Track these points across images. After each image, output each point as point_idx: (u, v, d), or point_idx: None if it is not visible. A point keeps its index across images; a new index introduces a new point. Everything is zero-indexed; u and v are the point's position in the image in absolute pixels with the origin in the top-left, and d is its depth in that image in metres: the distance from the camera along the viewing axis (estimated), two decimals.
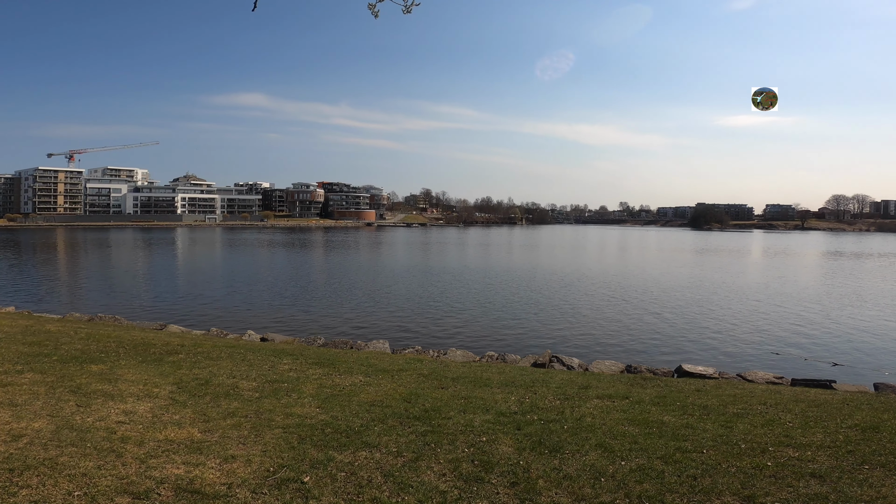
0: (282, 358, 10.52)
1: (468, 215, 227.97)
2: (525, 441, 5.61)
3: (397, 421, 6.27)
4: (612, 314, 23.31)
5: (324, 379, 8.64)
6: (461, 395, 7.82)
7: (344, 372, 9.43)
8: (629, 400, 7.78)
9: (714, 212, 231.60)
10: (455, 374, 9.77)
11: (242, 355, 10.48)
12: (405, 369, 10.12)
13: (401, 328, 20.29)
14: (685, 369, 11.82)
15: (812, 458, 5.06)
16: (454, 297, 27.99)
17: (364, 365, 10.38)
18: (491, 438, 5.68)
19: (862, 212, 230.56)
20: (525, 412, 6.85)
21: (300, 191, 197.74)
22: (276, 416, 6.32)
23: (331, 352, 12.94)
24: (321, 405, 6.89)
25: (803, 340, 18.59)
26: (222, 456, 4.97)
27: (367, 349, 14.60)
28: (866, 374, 13.90)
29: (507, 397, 7.76)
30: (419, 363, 11.23)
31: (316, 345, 15.07)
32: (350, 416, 6.39)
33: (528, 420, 6.42)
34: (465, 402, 7.33)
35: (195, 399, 6.95)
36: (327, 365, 10.02)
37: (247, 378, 8.35)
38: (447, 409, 6.86)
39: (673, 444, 5.55)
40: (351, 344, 15.34)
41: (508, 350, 15.97)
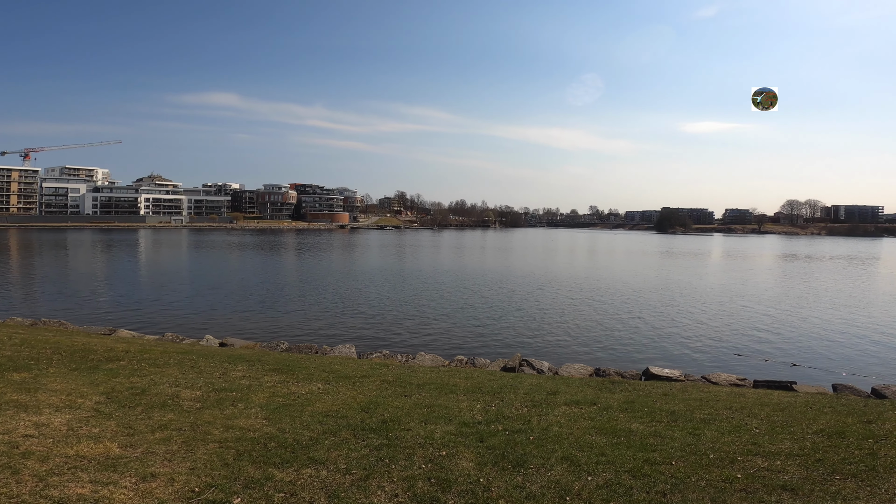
0: (237, 364, 9.92)
1: (442, 218, 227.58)
2: (487, 455, 5.28)
3: (351, 433, 5.83)
4: (582, 317, 23.30)
5: (278, 387, 8.11)
6: (424, 403, 7.43)
7: (302, 379, 8.92)
8: (597, 406, 7.56)
9: (678, 216, 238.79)
10: (421, 381, 9.38)
11: (193, 362, 9.82)
12: (369, 375, 9.68)
13: (370, 332, 19.75)
14: (652, 372, 11.83)
15: (782, 469, 4.89)
16: (426, 300, 27.57)
17: (325, 371, 9.89)
18: (451, 452, 5.31)
19: (813, 216, 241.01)
20: (490, 421, 6.52)
21: (271, 192, 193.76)
22: (215, 428, 5.81)
23: (292, 357, 12.38)
24: (269, 416, 6.41)
25: (763, 341, 18.90)
26: (140, 474, 4.47)
27: (333, 354, 14.10)
28: (824, 375, 14.16)
29: (472, 405, 7.41)
30: (385, 369, 10.80)
31: (278, 350, 14.46)
32: (300, 429, 5.93)
33: (492, 431, 6.09)
34: (427, 411, 6.95)
35: (124, 410, 6.36)
36: (285, 371, 9.49)
37: (191, 387, 7.75)
38: (408, 419, 6.46)
39: (641, 456, 5.31)
40: (315, 349, 14.79)
41: (479, 354, 15.67)
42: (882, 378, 13.54)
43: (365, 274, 40.48)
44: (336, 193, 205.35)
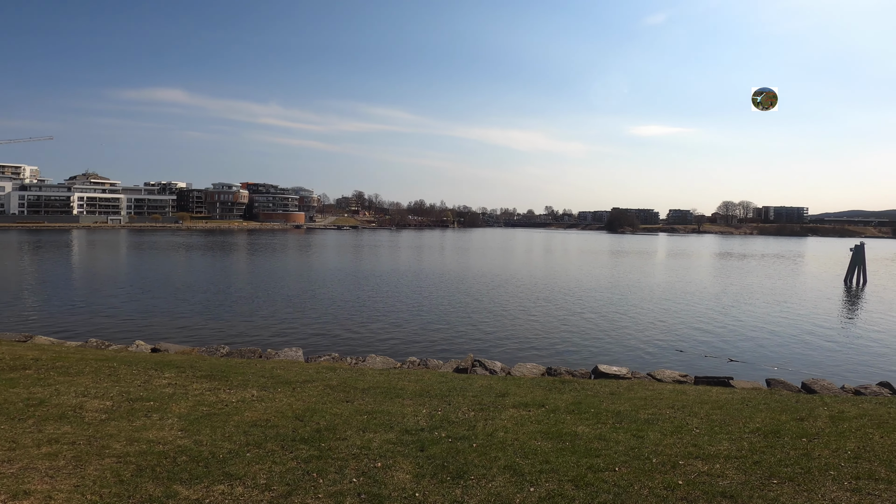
0: (164, 371, 9.13)
1: (401, 218, 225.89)
2: (427, 466, 4.95)
3: (279, 444, 5.34)
4: (536, 316, 23.39)
5: (206, 395, 7.45)
6: (366, 409, 7.00)
7: (237, 386, 8.27)
8: (545, 408, 7.43)
9: (627, 216, 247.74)
10: (367, 385, 8.93)
11: (112, 369, 8.95)
12: (312, 380, 9.14)
13: (320, 334, 19.00)
14: (601, 370, 11.95)
15: (721, 473, 4.84)
16: (381, 301, 26.95)
17: (265, 377, 9.26)
18: (388, 463, 4.94)
19: (746, 217, 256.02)
20: (434, 428, 6.20)
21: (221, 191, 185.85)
22: (117, 442, 5.23)
23: (231, 362, 11.61)
24: (187, 427, 5.85)
25: (703, 337, 19.58)
26: (11, 491, 3.94)
27: (277, 358, 13.40)
28: (758, 370, 14.77)
29: (417, 410, 7.05)
30: (331, 372, 10.27)
31: (217, 355, 13.61)
32: (219, 441, 5.40)
33: (434, 438, 5.78)
34: (368, 418, 6.53)
35: (11, 423, 5.67)
36: (218, 378, 8.79)
37: (102, 396, 6.99)
38: (345, 427, 6.02)
39: (585, 462, 5.15)
40: (259, 353, 14.03)
41: (432, 355, 15.36)
42: (810, 372, 14.22)
43: (319, 275, 39.30)
44: (291, 193, 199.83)
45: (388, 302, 26.52)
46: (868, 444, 5.54)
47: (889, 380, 11.88)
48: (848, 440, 5.74)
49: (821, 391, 10.49)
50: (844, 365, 15.71)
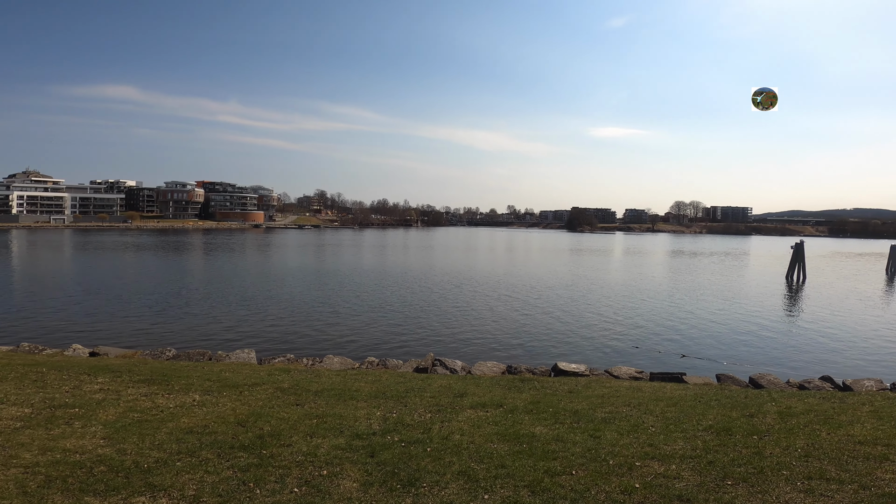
0: (98, 376, 8.50)
1: (364, 217, 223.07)
2: (376, 472, 4.69)
3: (215, 452, 4.96)
4: (497, 314, 23.40)
5: (141, 401, 6.93)
6: (317, 413, 6.66)
7: (177, 390, 7.76)
8: (503, 408, 7.30)
9: (586, 215, 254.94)
10: (321, 387, 8.57)
11: (40, 375, 8.25)
12: (263, 383, 8.71)
13: (276, 335, 18.35)
14: (560, 368, 11.95)
15: (677, 474, 4.80)
16: (342, 300, 26.35)
17: (210, 380, 8.75)
18: (334, 471, 4.65)
19: (696, 216, 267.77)
20: (387, 431, 5.95)
21: (175, 190, 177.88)
22: (28, 451, 4.75)
23: (176, 365, 10.98)
24: (111, 435, 5.40)
25: (658, 333, 20.08)
26: None
27: (228, 360, 12.80)
28: (709, 365, 15.21)
29: (371, 412, 6.77)
30: (284, 374, 9.84)
31: (163, 358, 12.89)
32: (146, 449, 4.99)
33: (386, 443, 5.52)
34: (317, 422, 6.20)
35: None
36: (159, 382, 8.24)
37: (21, 403, 6.39)
38: (291, 432, 5.69)
39: (542, 466, 5.01)
40: (209, 355, 13.38)
41: (393, 355, 15.08)
42: (757, 367, 14.74)
43: (277, 275, 38.13)
44: (250, 192, 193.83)
45: (349, 301, 25.98)
46: (817, 442, 5.64)
47: (830, 373, 12.40)
48: (797, 437, 5.83)
49: (768, 385, 10.81)
50: (788, 359, 16.38)
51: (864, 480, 4.49)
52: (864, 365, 15.52)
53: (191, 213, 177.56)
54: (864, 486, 4.35)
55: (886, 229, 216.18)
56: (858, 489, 4.30)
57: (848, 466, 4.84)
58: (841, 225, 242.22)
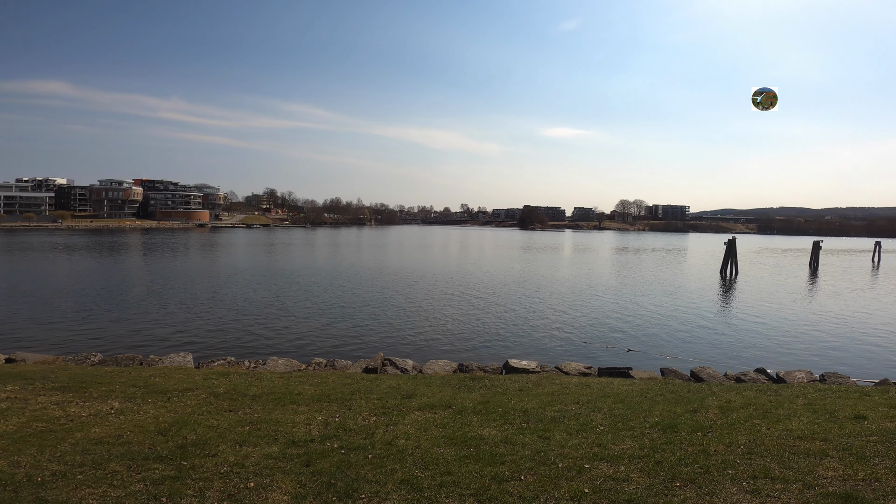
0: (6, 384, 7.77)
1: (316, 216, 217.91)
2: (311, 483, 4.35)
3: (126, 464, 4.48)
4: (450, 312, 23.25)
5: (50, 409, 6.26)
6: (251, 419, 6.21)
7: (96, 398, 7.09)
8: (452, 409, 7.12)
9: (537, 214, 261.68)
10: (260, 391, 8.08)
11: None
12: (195, 388, 8.13)
13: (218, 338, 17.38)
14: (511, 365, 11.93)
15: (626, 476, 4.74)
16: (290, 300, 25.36)
17: (136, 386, 8.09)
18: (263, 483, 4.26)
19: (640, 214, 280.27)
20: (326, 438, 5.59)
21: (110, 188, 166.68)
22: None
23: (100, 371, 10.16)
24: (7, 447, 4.86)
25: (605, 328, 20.46)
26: None
27: (161, 365, 12.00)
28: (654, 359, 15.56)
29: (311, 418, 6.39)
30: (222, 378, 9.25)
31: (88, 363, 11.97)
32: (45, 461, 4.46)
33: (324, 450, 5.17)
34: (250, 429, 5.76)
35: None
36: (76, 390, 7.52)
37: None
38: (219, 441, 5.24)
39: (489, 472, 4.82)
40: (140, 360, 12.51)
41: (342, 355, 14.60)
42: (697, 360, 15.23)
43: (222, 275, 36.31)
44: (194, 190, 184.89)
45: (298, 301, 25.08)
46: (758, 438, 5.73)
47: (763, 365, 13.04)
48: (739, 433, 5.92)
49: (707, 379, 11.18)
50: (725, 351, 16.97)
51: (808, 479, 4.54)
52: (795, 356, 16.28)
53: (128, 212, 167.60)
54: (808, 486, 4.39)
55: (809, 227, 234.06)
56: (803, 488, 4.34)
57: (790, 464, 4.91)
58: (768, 223, 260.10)
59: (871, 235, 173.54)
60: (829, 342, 18.29)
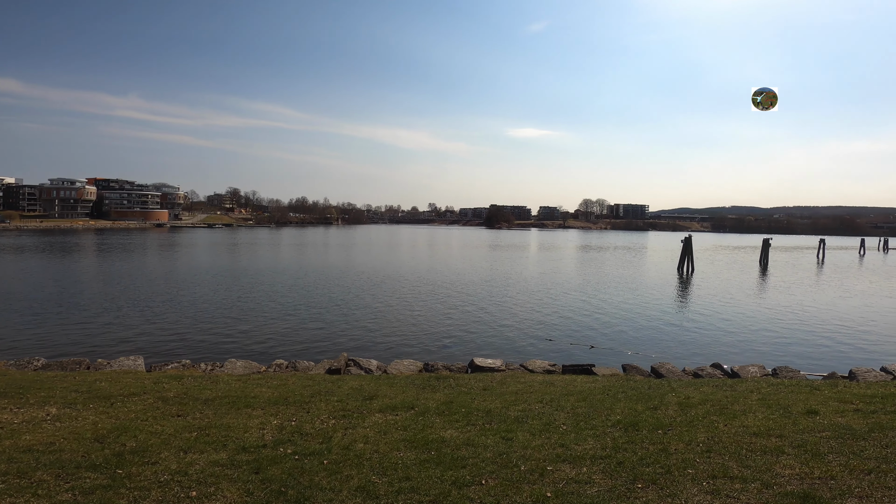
0: None
1: (281, 215, 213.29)
2: (259, 492, 4.12)
3: (54, 473, 4.18)
4: (416, 311, 23.06)
5: None
6: (199, 424, 5.91)
7: (33, 404, 6.66)
8: (414, 411, 6.98)
9: (503, 213, 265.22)
10: (214, 394, 7.75)
11: None
12: (143, 392, 7.73)
13: (174, 340, 16.67)
14: (477, 364, 11.89)
15: (588, 479, 4.69)
16: (252, 301, 24.59)
17: (78, 391, 7.64)
18: (206, 492, 4.02)
19: (602, 213, 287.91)
20: (280, 443, 5.36)
21: (62, 187, 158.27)
22: None
23: (42, 376, 9.59)
24: None
25: (569, 325, 20.65)
26: None
27: (109, 369, 11.45)
28: (616, 356, 15.79)
29: (266, 422, 6.13)
30: (174, 382, 8.84)
31: (30, 368, 11.32)
32: None
33: (277, 456, 4.94)
34: (197, 434, 5.48)
35: None
36: (11, 396, 7.10)
37: None
38: (162, 447, 4.95)
39: (450, 476, 4.70)
40: (87, 364, 11.90)
41: (305, 356, 14.25)
42: (657, 356, 15.54)
43: (181, 276, 34.91)
44: (152, 189, 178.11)
45: (260, 302, 24.37)
46: (716, 435, 5.80)
47: (719, 360, 13.41)
48: (698, 430, 5.98)
49: (667, 375, 11.40)
50: (683, 347, 17.35)
51: (765, 478, 4.57)
52: (748, 351, 16.79)
53: (81, 212, 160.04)
54: (766, 485, 4.41)
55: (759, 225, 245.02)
56: (762, 488, 4.35)
57: (748, 462, 4.95)
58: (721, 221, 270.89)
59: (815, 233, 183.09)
60: (780, 336, 19.01)
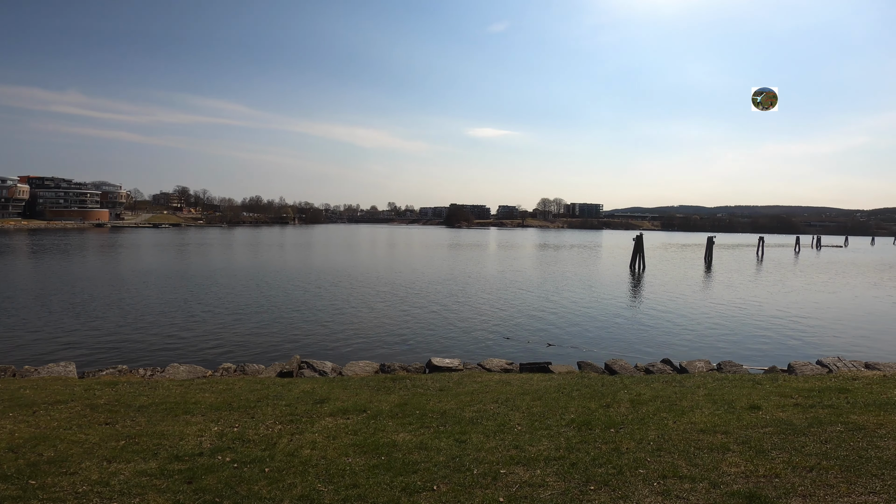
0: None
1: (234, 215, 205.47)
2: (190, 503, 3.84)
3: None
4: (374, 311, 22.65)
5: None
6: (129, 432, 5.47)
7: None
8: (367, 414, 6.75)
9: (463, 212, 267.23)
10: (150, 401, 7.24)
11: None
12: (71, 400, 7.18)
13: (112, 345, 15.63)
14: (434, 364, 11.78)
15: (542, 481, 4.63)
16: (200, 303, 23.40)
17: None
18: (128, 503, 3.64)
19: (559, 212, 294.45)
20: (219, 451, 5.03)
21: None
22: None
23: None
24: None
25: (527, 323, 20.77)
26: None
27: (37, 376, 10.68)
28: (572, 353, 15.98)
29: (205, 428, 5.75)
30: (107, 388, 8.26)
31: None
32: None
33: (213, 465, 4.62)
34: (126, 443, 5.07)
35: None
36: None
37: None
38: (84, 457, 4.56)
39: (400, 482, 4.52)
40: (13, 371, 11.08)
41: (256, 359, 13.68)
42: (611, 352, 15.84)
43: (121, 277, 32.81)
44: (91, 188, 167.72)
45: (208, 304, 23.26)
46: (666, 433, 5.86)
47: (669, 356, 13.78)
48: (648, 428, 6.03)
49: (620, 371, 11.61)
50: (636, 343, 17.73)
51: (713, 476, 4.61)
52: (695, 346, 17.34)
53: (12, 211, 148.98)
54: (714, 484, 4.44)
55: (704, 224, 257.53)
56: (710, 487, 4.39)
57: (696, 460, 5.01)
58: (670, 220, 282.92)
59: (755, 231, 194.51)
60: (724, 331, 19.78)
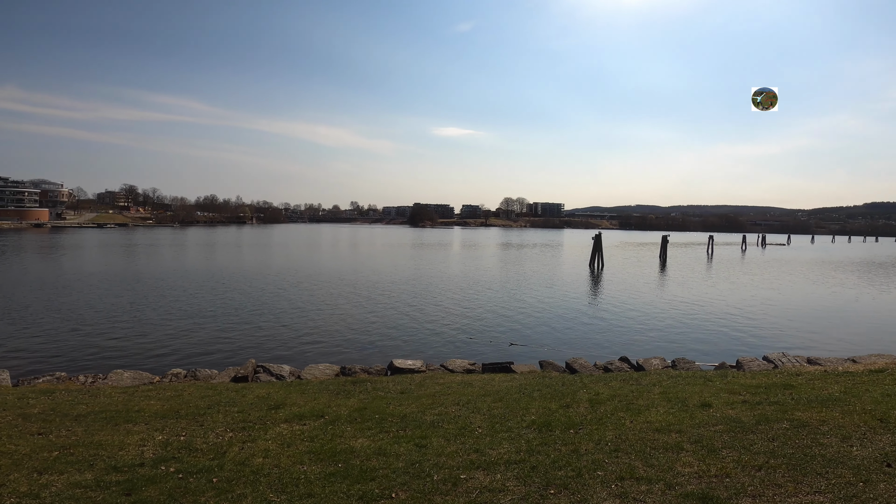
0: None
1: (187, 214, 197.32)
2: None
3: None
4: (335, 312, 22.16)
5: None
6: (64, 443, 5.10)
7: None
8: (324, 419, 6.54)
9: (427, 211, 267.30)
10: (88, 410, 6.80)
11: None
12: (1, 409, 6.59)
13: (48, 351, 14.64)
14: (396, 365, 11.65)
15: (502, 486, 4.57)
16: (146, 306, 22.17)
17: None
18: None
19: (522, 212, 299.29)
20: (162, 461, 4.72)
21: None
22: None
23: None
24: None
25: (489, 323, 20.75)
26: None
27: None
28: (534, 352, 16.08)
29: (148, 438, 5.40)
30: (42, 397, 7.73)
31: None
32: None
33: (156, 476, 4.34)
34: (59, 454, 4.73)
35: None
36: None
37: None
38: (12, 469, 4.29)
39: (357, 491, 4.37)
40: None
41: (208, 364, 13.10)
42: (571, 351, 16.02)
43: (59, 279, 30.81)
44: (29, 186, 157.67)
45: (156, 307, 22.10)
46: (623, 433, 5.91)
47: (627, 353, 14.12)
48: (606, 428, 6.07)
49: (580, 370, 11.79)
50: (595, 341, 18.00)
51: (668, 477, 4.65)
52: (651, 342, 17.76)
53: None
54: (669, 486, 4.48)
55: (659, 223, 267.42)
56: (665, 489, 4.42)
57: (652, 461, 5.05)
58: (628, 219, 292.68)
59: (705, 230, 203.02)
60: (678, 328, 20.35)
